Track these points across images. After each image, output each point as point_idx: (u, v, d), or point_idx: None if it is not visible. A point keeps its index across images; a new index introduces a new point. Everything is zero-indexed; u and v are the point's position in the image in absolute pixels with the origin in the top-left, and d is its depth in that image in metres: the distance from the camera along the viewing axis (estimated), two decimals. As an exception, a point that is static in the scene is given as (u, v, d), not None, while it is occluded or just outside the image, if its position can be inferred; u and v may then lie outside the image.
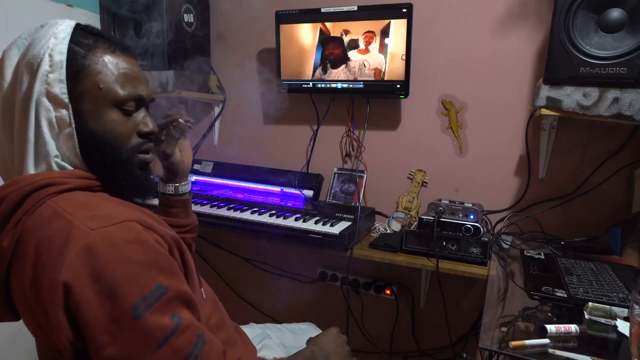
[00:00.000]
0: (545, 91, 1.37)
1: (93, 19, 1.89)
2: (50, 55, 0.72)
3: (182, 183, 1.10)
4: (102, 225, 0.65)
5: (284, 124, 2.05)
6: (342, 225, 1.57)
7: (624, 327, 0.93)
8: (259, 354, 1.09)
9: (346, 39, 1.74)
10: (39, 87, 0.72)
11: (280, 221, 1.59)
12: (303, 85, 1.84)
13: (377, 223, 1.83)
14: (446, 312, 1.53)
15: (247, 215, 1.66)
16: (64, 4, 1.77)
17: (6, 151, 0.77)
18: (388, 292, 1.89)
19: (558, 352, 0.85)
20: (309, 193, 1.85)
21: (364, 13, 1.69)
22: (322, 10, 1.74)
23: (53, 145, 0.74)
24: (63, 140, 0.74)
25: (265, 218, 1.63)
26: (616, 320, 0.96)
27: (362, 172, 1.88)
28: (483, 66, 1.70)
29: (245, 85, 2.10)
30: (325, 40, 1.77)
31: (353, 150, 1.93)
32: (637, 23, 1.25)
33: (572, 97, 1.33)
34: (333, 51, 1.77)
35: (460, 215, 1.50)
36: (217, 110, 2.16)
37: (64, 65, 0.73)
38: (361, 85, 1.75)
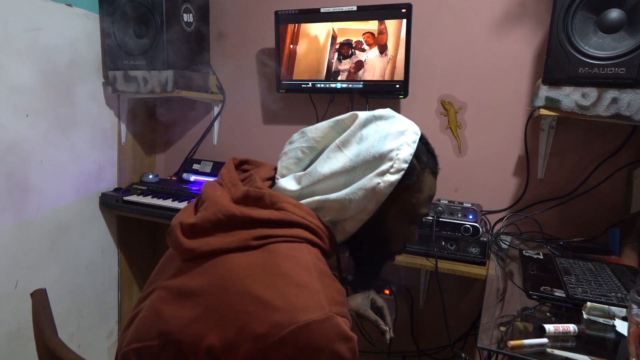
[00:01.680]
0: (544, 91, 1.37)
1: (92, 19, 1.89)
2: (398, 159, 0.75)
3: None
4: (336, 311, 0.66)
5: (283, 124, 2.05)
6: (342, 225, 1.57)
7: (622, 326, 0.93)
8: None
9: (348, 39, 1.74)
10: (372, 178, 0.75)
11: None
12: (302, 85, 1.84)
13: (376, 223, 1.83)
14: (445, 312, 1.53)
15: (246, 215, 1.66)
16: (64, 3, 1.77)
17: (303, 183, 0.79)
18: (387, 292, 1.89)
19: (557, 352, 0.85)
20: (308, 193, 1.85)
21: (364, 13, 1.70)
22: (322, 10, 1.74)
23: (340, 216, 0.77)
24: (350, 219, 0.78)
25: (264, 218, 1.63)
26: (614, 320, 0.96)
27: (362, 172, 1.88)
28: (482, 66, 1.70)
29: (245, 85, 2.10)
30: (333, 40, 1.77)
31: (352, 150, 1.92)
32: (636, 23, 1.25)
33: (570, 97, 1.34)
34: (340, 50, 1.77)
35: (459, 215, 1.50)
36: (216, 110, 2.16)
37: (402, 174, 0.76)
38: (360, 85, 1.75)
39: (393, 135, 0.77)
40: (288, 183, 0.80)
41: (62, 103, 1.80)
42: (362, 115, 0.81)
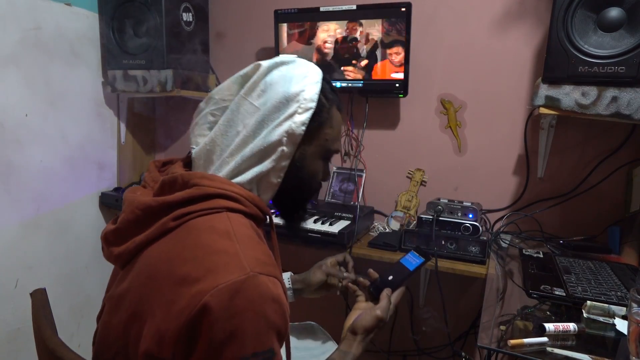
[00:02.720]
0: (544, 90, 1.37)
1: (92, 18, 1.89)
2: (305, 99, 0.77)
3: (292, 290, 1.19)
4: (259, 271, 0.65)
5: (283, 123, 2.05)
6: (341, 224, 1.57)
7: (622, 325, 0.93)
8: None
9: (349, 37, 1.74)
10: (283, 121, 0.76)
11: (279, 220, 1.59)
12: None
13: (376, 222, 1.83)
14: (445, 311, 1.53)
15: (246, 214, 1.66)
16: (63, 2, 1.77)
17: (218, 142, 0.79)
18: (387, 291, 1.88)
19: (556, 351, 0.86)
20: (308, 192, 1.85)
21: (363, 12, 1.69)
22: (321, 9, 1.74)
23: (262, 168, 0.77)
24: (272, 170, 0.78)
25: (264, 217, 1.63)
26: (614, 318, 0.96)
27: (361, 171, 1.88)
28: (482, 65, 1.70)
29: (244, 85, 2.09)
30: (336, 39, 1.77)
31: (352, 149, 1.93)
32: (636, 22, 1.25)
33: (570, 96, 1.34)
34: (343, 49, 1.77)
35: (459, 214, 1.50)
36: (216, 109, 2.16)
37: (312, 112, 0.78)
38: (360, 85, 1.75)
39: (297, 77, 0.78)
40: (204, 149, 0.79)
41: (61, 102, 1.80)
42: (265, 63, 0.81)
